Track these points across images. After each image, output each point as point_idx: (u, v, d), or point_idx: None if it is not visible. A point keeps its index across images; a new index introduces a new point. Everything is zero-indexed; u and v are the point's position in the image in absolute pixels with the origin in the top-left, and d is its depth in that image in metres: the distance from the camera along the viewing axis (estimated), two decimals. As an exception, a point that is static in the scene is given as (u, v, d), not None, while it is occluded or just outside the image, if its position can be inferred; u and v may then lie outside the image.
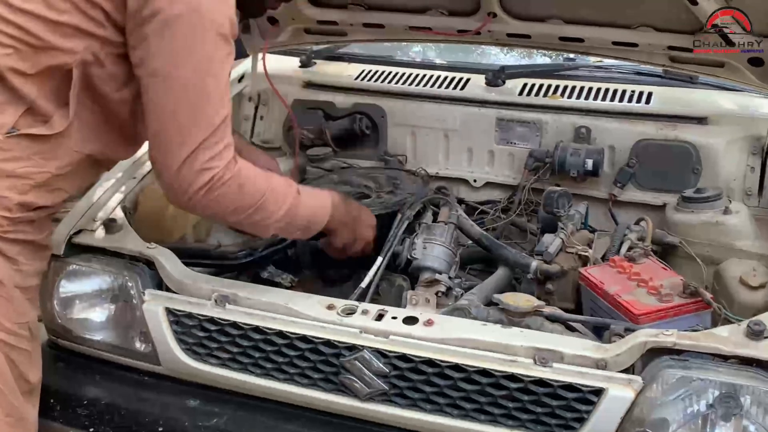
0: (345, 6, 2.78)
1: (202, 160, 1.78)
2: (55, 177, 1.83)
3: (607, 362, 1.72)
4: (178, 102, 1.76)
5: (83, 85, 1.79)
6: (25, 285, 1.87)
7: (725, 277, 2.12)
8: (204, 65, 1.76)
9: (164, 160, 1.80)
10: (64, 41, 1.74)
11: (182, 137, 1.77)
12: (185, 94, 1.76)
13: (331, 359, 1.89)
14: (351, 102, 2.90)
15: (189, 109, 1.76)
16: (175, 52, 1.73)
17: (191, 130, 1.76)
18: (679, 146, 2.54)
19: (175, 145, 1.77)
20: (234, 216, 1.91)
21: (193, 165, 1.77)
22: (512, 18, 2.59)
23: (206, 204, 1.84)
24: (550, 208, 2.44)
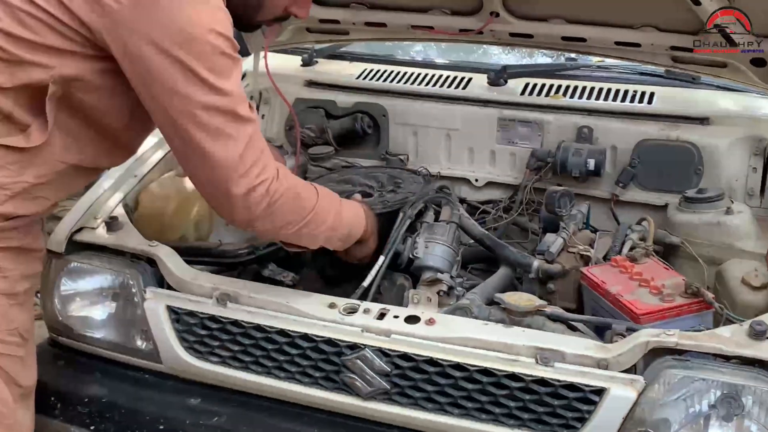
0: (347, 5, 2.78)
1: (252, 177, 1.76)
2: (35, 186, 1.79)
3: (608, 362, 1.72)
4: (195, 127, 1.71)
5: (65, 97, 1.74)
6: (12, 291, 1.85)
7: (727, 277, 2.11)
8: (206, 85, 1.69)
9: (217, 192, 1.78)
10: (39, 58, 1.69)
11: (213, 164, 1.74)
12: (197, 118, 1.70)
13: (332, 358, 1.89)
14: (353, 101, 2.90)
15: (208, 131, 1.71)
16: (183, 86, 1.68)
17: (220, 151, 1.73)
18: (681, 146, 2.54)
19: (218, 177, 1.75)
20: (291, 227, 1.90)
21: (247, 184, 1.76)
22: (515, 17, 2.59)
23: (270, 221, 1.84)
24: (551, 207, 2.44)
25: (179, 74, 1.66)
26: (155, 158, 2.54)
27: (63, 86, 1.72)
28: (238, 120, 1.74)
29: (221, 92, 1.71)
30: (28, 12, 1.68)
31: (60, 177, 1.84)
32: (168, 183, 2.51)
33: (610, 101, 2.73)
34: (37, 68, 1.70)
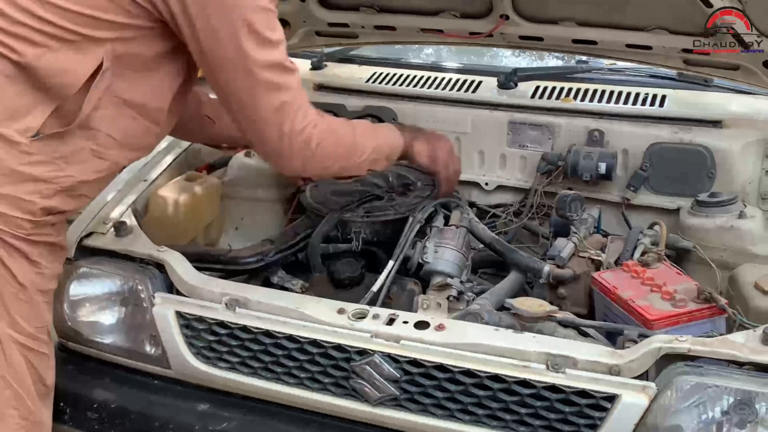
0: (356, 8, 2.78)
1: (297, 124, 1.88)
2: (80, 183, 1.83)
3: (620, 368, 1.70)
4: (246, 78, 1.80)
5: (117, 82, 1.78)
6: (45, 288, 1.88)
7: (740, 282, 2.09)
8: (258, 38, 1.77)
9: (260, 136, 1.90)
10: (95, 32, 1.72)
11: (266, 108, 1.84)
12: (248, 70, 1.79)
13: (341, 363, 1.88)
14: (362, 104, 2.89)
15: (258, 81, 1.80)
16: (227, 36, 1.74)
17: (270, 98, 1.83)
18: (693, 150, 2.51)
19: (263, 118, 1.86)
20: (339, 162, 2.06)
21: (293, 130, 1.88)
22: (525, 20, 2.58)
23: (320, 158, 1.97)
24: (562, 211, 2.42)
25: (242, 34, 1.74)
26: (165, 162, 2.55)
27: (114, 63, 1.75)
28: (287, 71, 1.86)
29: (275, 45, 1.80)
30: None
31: (105, 174, 1.89)
32: (178, 187, 2.51)
33: (621, 104, 2.70)
34: (94, 44, 1.73)
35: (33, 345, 1.85)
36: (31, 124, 1.71)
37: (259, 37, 1.76)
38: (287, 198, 2.76)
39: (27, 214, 1.75)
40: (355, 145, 2.09)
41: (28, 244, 1.79)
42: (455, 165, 2.48)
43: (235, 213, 2.74)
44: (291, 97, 1.86)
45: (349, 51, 3.24)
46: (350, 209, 2.38)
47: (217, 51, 1.76)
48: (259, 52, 1.77)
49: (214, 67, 1.80)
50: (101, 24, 1.71)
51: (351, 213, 2.38)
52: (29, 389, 1.85)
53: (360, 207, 2.42)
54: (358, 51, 3.27)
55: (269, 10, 1.79)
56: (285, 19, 2.86)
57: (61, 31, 1.70)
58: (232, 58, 1.76)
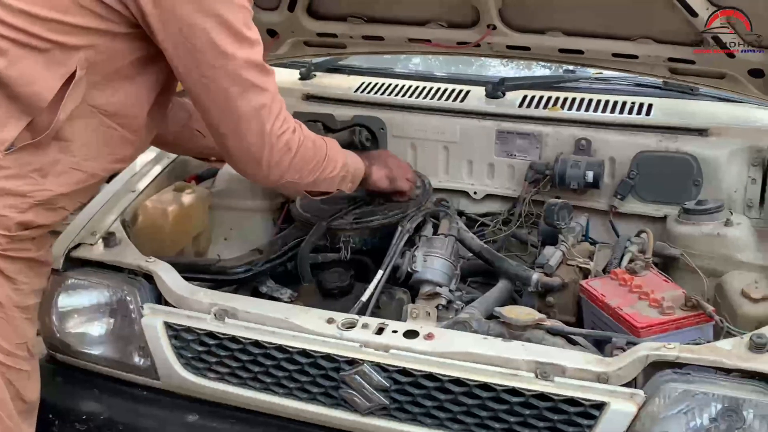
0: (344, 19, 2.78)
1: (276, 127, 1.87)
2: (57, 196, 1.81)
3: (608, 376, 1.71)
4: (226, 78, 1.78)
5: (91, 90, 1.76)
6: (24, 304, 1.85)
7: (727, 289, 2.11)
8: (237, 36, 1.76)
9: (244, 146, 1.88)
10: (68, 39, 1.70)
11: (250, 118, 1.83)
12: (228, 70, 1.77)
13: (331, 373, 1.88)
14: (351, 114, 2.89)
15: (239, 82, 1.79)
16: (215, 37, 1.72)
17: (251, 100, 1.82)
18: (679, 158, 2.53)
19: (250, 129, 1.84)
20: (315, 173, 2.06)
21: (273, 137, 1.87)
22: (512, 30, 2.59)
23: (298, 164, 1.98)
24: (550, 220, 2.43)
25: (217, 29, 1.72)
26: (153, 173, 2.55)
27: (89, 71, 1.73)
28: (266, 72, 1.84)
29: (253, 44, 1.79)
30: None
31: (82, 186, 1.86)
32: (166, 198, 2.51)
33: (608, 113, 2.72)
34: (66, 51, 1.70)
35: (10, 362, 1.82)
36: (5, 136, 1.69)
37: (236, 34, 1.74)
38: (276, 208, 2.76)
39: (2, 229, 1.73)
40: (328, 157, 2.10)
41: (4, 260, 1.76)
42: (410, 173, 2.56)
43: (224, 223, 2.74)
44: (271, 99, 1.85)
45: (338, 61, 3.25)
46: (339, 217, 2.39)
47: (193, 50, 1.73)
48: (238, 49, 1.75)
49: (190, 68, 1.76)
50: (72, 30, 1.70)
51: (340, 220, 2.38)
52: (6, 406, 1.82)
53: (349, 214, 2.42)
54: (347, 61, 3.28)
55: (245, 7, 1.78)
56: (273, 29, 2.87)
57: (32, 38, 1.68)
58: (210, 56, 1.74)
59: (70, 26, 1.70)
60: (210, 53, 1.73)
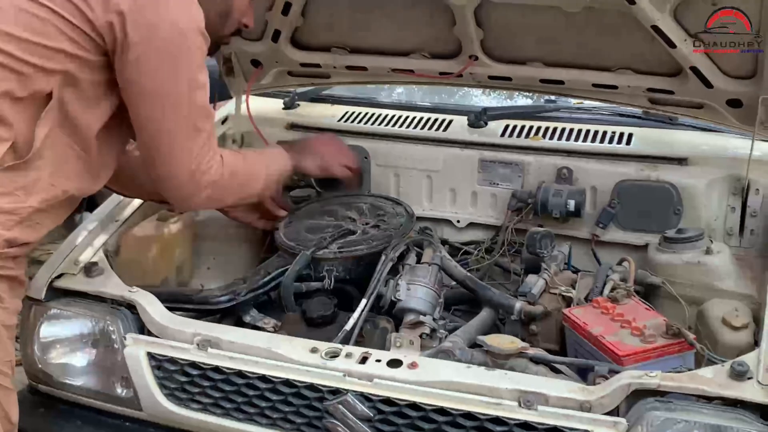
0: (328, 49, 2.81)
1: (204, 165, 2.02)
2: (37, 212, 1.85)
3: (591, 404, 1.72)
4: (175, 118, 1.90)
5: (60, 106, 1.83)
6: (8, 323, 1.87)
7: (708, 317, 2.12)
8: (193, 80, 1.89)
9: (171, 172, 2.00)
10: (47, 63, 1.78)
11: (184, 149, 1.96)
12: (180, 110, 1.90)
13: (314, 403, 1.88)
14: (335, 143, 2.90)
15: (186, 123, 1.94)
16: (167, 72, 1.85)
17: (190, 141, 1.96)
18: (660, 187, 2.55)
19: (178, 157, 1.97)
20: (235, 195, 2.28)
21: (199, 170, 2.01)
22: (493, 61, 2.62)
23: (216, 198, 2.16)
24: (533, 248, 2.44)
25: (182, 77, 1.87)
26: (136, 203, 2.54)
27: (60, 93, 1.81)
28: (208, 115, 2.01)
29: (203, 87, 1.92)
30: (37, 15, 1.77)
31: (56, 204, 1.90)
32: (149, 227, 2.51)
33: (589, 142, 2.74)
34: (45, 75, 1.79)
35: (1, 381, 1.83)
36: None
37: (194, 80, 1.88)
38: (260, 237, 2.76)
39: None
40: (249, 177, 2.28)
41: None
42: (349, 156, 2.71)
43: (208, 252, 2.74)
44: (206, 140, 2.01)
45: (322, 91, 3.27)
46: (323, 246, 2.39)
47: (155, 86, 1.85)
48: (194, 94, 1.89)
49: (144, 101, 1.88)
50: (56, 56, 1.78)
51: (324, 250, 2.38)
52: None
53: (333, 243, 2.42)
54: (331, 90, 3.29)
55: (202, 49, 1.90)
56: (257, 59, 2.89)
57: (11, 59, 1.74)
58: (169, 96, 1.87)
59: (52, 51, 1.77)
60: (172, 96, 1.88)
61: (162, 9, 1.82)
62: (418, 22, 2.62)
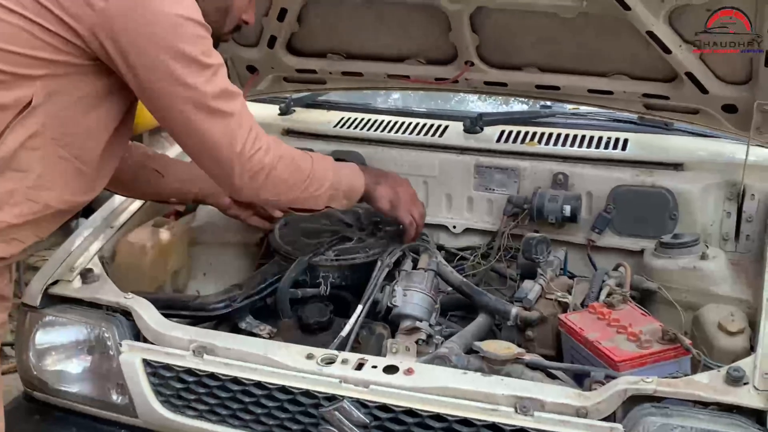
0: (324, 55, 2.81)
1: (248, 150, 1.89)
2: (11, 227, 1.81)
3: (588, 410, 1.71)
4: (193, 108, 1.81)
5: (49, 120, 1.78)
6: None
7: (704, 322, 2.12)
8: (199, 66, 1.79)
9: (219, 167, 1.92)
10: (25, 69, 1.73)
11: (215, 136, 1.86)
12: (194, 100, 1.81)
13: (310, 410, 1.87)
14: (330, 149, 2.90)
15: (206, 111, 1.83)
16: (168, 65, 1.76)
17: (219, 127, 1.85)
18: (655, 192, 2.55)
19: (219, 151, 1.87)
20: (294, 191, 2.07)
21: (243, 158, 1.89)
22: (489, 66, 2.63)
23: (272, 183, 1.99)
24: (529, 254, 2.45)
25: (175, 61, 1.76)
26: (132, 209, 2.54)
27: (47, 101, 1.75)
28: (230, 96, 1.87)
29: (214, 70, 1.82)
30: (15, 24, 1.72)
31: (34, 217, 1.84)
32: (145, 233, 2.51)
33: (584, 148, 2.75)
34: (23, 81, 1.73)
35: None
36: None
37: (195, 63, 1.78)
38: (256, 243, 2.76)
39: None
40: (310, 177, 2.09)
41: None
42: (419, 209, 2.47)
43: (204, 258, 2.73)
44: (237, 123, 1.88)
45: (317, 96, 3.27)
46: (320, 253, 2.39)
47: (155, 83, 1.78)
48: (198, 77, 1.79)
49: (155, 99, 1.82)
50: (29, 61, 1.73)
51: (320, 256, 2.38)
52: None
53: (330, 250, 2.42)
54: (326, 96, 3.30)
55: (201, 36, 1.81)
56: (253, 65, 2.89)
57: None
58: (171, 88, 1.78)
59: (27, 58, 1.72)
60: (171, 85, 1.78)
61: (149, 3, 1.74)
62: (413, 28, 2.63)
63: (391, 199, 2.37)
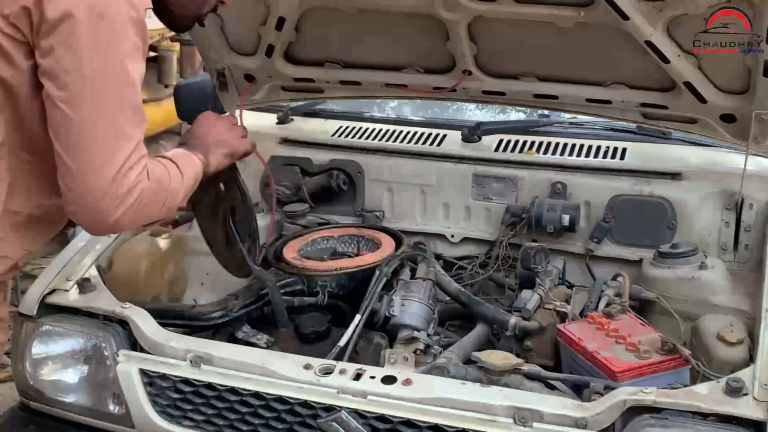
0: (321, 64, 2.81)
1: (130, 179, 1.69)
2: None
3: (587, 421, 1.71)
4: (97, 118, 1.66)
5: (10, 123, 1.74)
6: None
7: (703, 333, 2.12)
8: (120, 74, 1.67)
9: (85, 185, 1.67)
10: None
11: (105, 157, 1.66)
12: (105, 108, 1.66)
13: (308, 420, 1.87)
14: (328, 158, 2.91)
15: (111, 125, 1.67)
16: (88, 60, 1.64)
17: (115, 147, 1.67)
18: (654, 201, 2.55)
19: (98, 166, 1.66)
20: (156, 215, 1.87)
21: (122, 185, 1.68)
22: (486, 75, 2.63)
23: (134, 219, 1.77)
24: (527, 263, 2.44)
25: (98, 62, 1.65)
26: (129, 218, 2.53)
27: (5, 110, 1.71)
28: (138, 120, 1.73)
29: (132, 84, 1.69)
30: None
31: (15, 230, 1.83)
32: (141, 243, 2.50)
33: (582, 157, 2.75)
34: None
35: None
36: None
37: (122, 72, 1.67)
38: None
39: None
40: (173, 193, 1.88)
41: None
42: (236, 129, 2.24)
43: (200, 268, 2.72)
44: (136, 148, 1.72)
45: (315, 105, 3.27)
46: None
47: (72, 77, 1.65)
48: (121, 90, 1.68)
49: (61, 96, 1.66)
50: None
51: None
52: None
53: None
54: (324, 105, 3.30)
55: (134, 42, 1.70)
56: (251, 74, 2.88)
57: None
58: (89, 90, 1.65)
59: None
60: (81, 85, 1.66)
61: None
62: (411, 37, 2.63)
63: (224, 152, 2.15)
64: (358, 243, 2.67)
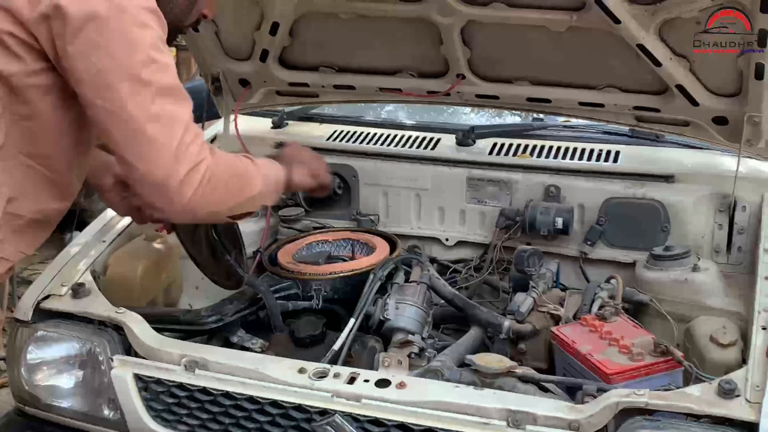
0: (316, 68, 2.82)
1: (191, 155, 1.73)
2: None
3: (580, 423, 1.71)
4: (140, 110, 1.69)
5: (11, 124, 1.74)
6: None
7: (696, 335, 2.12)
8: (150, 60, 1.69)
9: (149, 176, 1.72)
10: None
11: (158, 143, 1.70)
12: (144, 97, 1.69)
13: (302, 424, 1.87)
14: (323, 162, 2.91)
15: (150, 109, 1.70)
16: (120, 54, 1.66)
17: (166, 131, 1.71)
18: (647, 204, 2.56)
19: (154, 153, 1.70)
20: (232, 200, 1.90)
21: (184, 161, 1.71)
22: (480, 79, 2.64)
23: (207, 198, 1.79)
24: (521, 266, 2.45)
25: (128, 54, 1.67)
26: (124, 223, 2.53)
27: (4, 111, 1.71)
28: (178, 99, 1.75)
29: (166, 69, 1.72)
30: None
31: (15, 233, 1.83)
32: (136, 248, 2.50)
33: (576, 160, 2.76)
34: None
35: None
36: None
37: (150, 60, 1.69)
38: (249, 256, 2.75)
39: None
40: (246, 177, 1.93)
41: None
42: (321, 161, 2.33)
43: (195, 272, 2.70)
44: (186, 127, 1.74)
45: (310, 110, 3.27)
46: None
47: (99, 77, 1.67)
48: (153, 76, 1.70)
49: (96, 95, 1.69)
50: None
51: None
52: None
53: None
54: (319, 109, 3.30)
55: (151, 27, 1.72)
56: (246, 79, 2.89)
57: None
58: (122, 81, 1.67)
59: None
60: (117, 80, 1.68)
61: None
62: (405, 42, 2.64)
63: (308, 172, 2.22)
64: (353, 247, 2.67)
